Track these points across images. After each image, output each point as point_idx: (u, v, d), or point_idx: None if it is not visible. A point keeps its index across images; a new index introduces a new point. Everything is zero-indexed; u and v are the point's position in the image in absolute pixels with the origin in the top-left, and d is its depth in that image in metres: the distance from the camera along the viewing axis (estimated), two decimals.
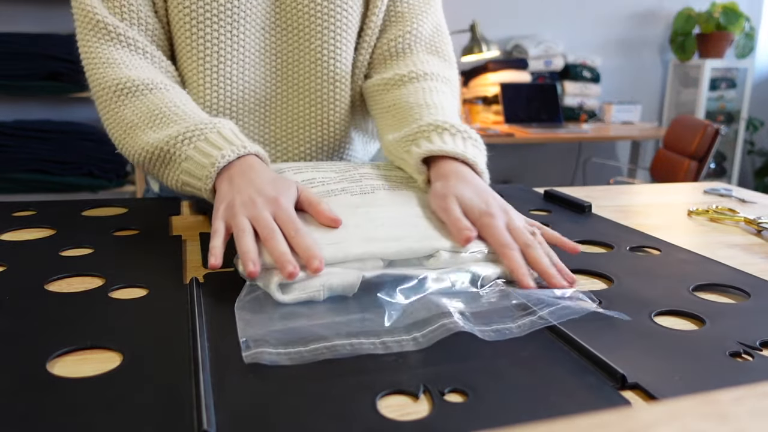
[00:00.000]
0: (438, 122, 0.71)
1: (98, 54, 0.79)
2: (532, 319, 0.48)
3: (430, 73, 0.86)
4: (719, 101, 3.68)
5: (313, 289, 0.51)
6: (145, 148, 0.71)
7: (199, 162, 0.66)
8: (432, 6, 0.92)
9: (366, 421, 0.35)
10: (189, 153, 0.67)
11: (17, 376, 0.39)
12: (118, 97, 0.76)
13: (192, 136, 0.68)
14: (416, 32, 0.89)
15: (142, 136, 0.72)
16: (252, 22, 0.82)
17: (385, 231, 0.58)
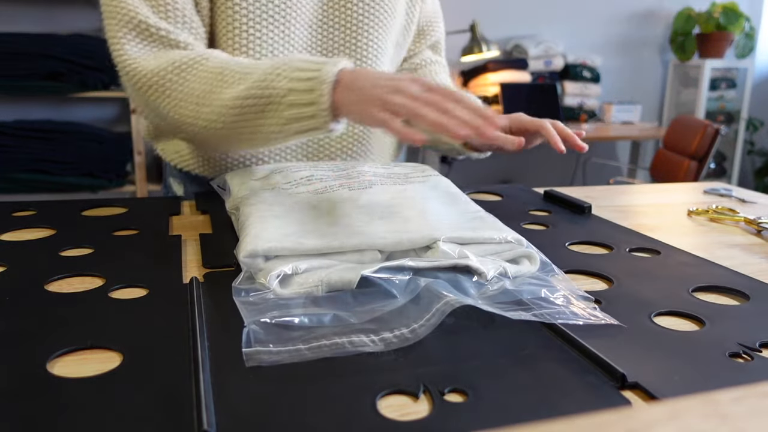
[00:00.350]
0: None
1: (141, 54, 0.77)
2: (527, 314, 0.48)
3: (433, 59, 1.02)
4: (719, 101, 3.68)
5: (312, 284, 0.51)
6: (230, 106, 0.69)
7: (304, 88, 0.64)
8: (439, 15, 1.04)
9: (366, 421, 0.35)
10: (287, 86, 0.65)
11: (17, 376, 0.39)
12: (177, 75, 0.74)
13: (279, 72, 0.66)
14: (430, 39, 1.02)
15: (221, 96, 0.70)
16: (302, 19, 0.84)
17: (384, 222, 0.58)
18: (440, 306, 0.46)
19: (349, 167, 0.76)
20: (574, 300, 0.51)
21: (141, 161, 2.45)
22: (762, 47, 3.84)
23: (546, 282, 0.55)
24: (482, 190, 0.96)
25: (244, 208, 0.63)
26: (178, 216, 0.78)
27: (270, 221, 0.58)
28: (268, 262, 0.53)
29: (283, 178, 0.71)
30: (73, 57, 2.25)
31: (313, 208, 0.62)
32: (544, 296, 0.52)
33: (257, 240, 0.54)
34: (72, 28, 2.45)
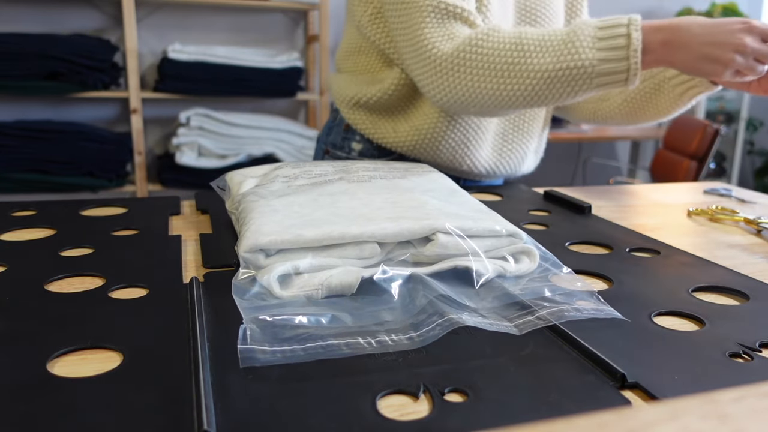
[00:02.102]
0: None
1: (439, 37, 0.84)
2: (530, 319, 0.48)
3: None
4: (719, 101, 3.68)
5: (312, 287, 0.51)
6: (539, 77, 0.78)
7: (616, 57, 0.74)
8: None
9: (366, 421, 0.35)
10: (597, 56, 0.75)
11: (17, 376, 0.39)
12: (475, 52, 0.81)
13: (581, 43, 0.75)
14: None
15: (527, 68, 0.78)
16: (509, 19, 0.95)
17: (383, 213, 0.58)
18: (442, 322, 0.46)
19: (349, 164, 0.76)
20: (576, 296, 0.51)
21: (141, 161, 2.45)
22: None
23: (547, 281, 0.55)
24: (482, 190, 0.96)
25: (243, 205, 0.63)
26: (178, 216, 0.78)
27: (270, 216, 0.58)
28: (268, 259, 0.53)
29: (282, 175, 0.71)
30: (73, 57, 2.25)
31: (312, 201, 0.62)
32: (546, 296, 0.52)
33: (257, 234, 0.54)
34: (72, 28, 2.45)
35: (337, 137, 1.04)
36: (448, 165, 0.98)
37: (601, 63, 0.74)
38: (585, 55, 0.74)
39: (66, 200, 0.81)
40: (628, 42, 0.73)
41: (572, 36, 0.76)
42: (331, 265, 0.53)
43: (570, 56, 0.75)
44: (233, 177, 0.75)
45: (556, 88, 0.78)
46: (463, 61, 0.81)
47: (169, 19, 2.57)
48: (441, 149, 0.96)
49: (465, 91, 0.82)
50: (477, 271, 0.54)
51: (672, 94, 0.95)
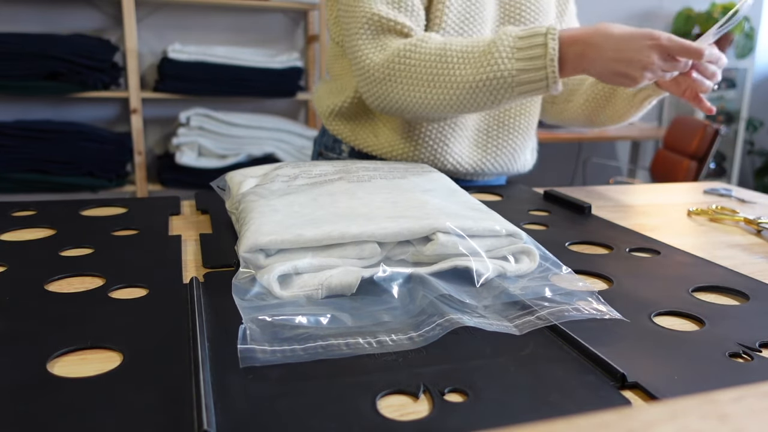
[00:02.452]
0: None
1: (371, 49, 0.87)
2: (530, 319, 0.48)
3: None
4: (719, 101, 3.68)
5: (312, 288, 0.51)
6: (462, 88, 0.80)
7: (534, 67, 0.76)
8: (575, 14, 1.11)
9: (366, 421, 0.35)
10: (516, 67, 0.77)
11: (17, 376, 0.39)
12: (403, 63, 0.83)
13: (503, 55, 0.77)
14: None
15: (450, 79, 0.81)
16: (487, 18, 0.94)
17: (383, 213, 0.58)
18: (442, 322, 0.46)
19: (348, 164, 0.77)
20: (577, 296, 0.51)
21: (141, 161, 2.45)
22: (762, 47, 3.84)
23: (547, 280, 0.55)
24: (482, 190, 0.96)
25: (243, 205, 0.63)
26: (178, 216, 0.78)
27: (269, 216, 0.58)
28: (268, 259, 0.53)
29: (282, 175, 0.71)
30: (73, 57, 2.25)
31: (312, 201, 0.62)
32: (547, 296, 0.52)
33: (257, 234, 0.54)
34: (72, 28, 2.45)
35: (329, 140, 1.06)
36: (432, 165, 0.98)
37: (520, 73, 0.76)
38: (504, 65, 0.77)
39: (66, 200, 0.81)
40: (545, 52, 0.75)
41: (492, 47, 0.78)
42: (331, 265, 0.53)
43: (490, 67, 0.77)
44: (233, 177, 0.75)
45: (479, 97, 0.80)
46: (392, 72, 0.84)
47: (169, 19, 2.56)
48: (420, 149, 0.97)
49: (396, 100, 0.85)
50: (477, 270, 0.54)
51: (625, 96, 0.97)
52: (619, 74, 0.75)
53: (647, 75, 0.75)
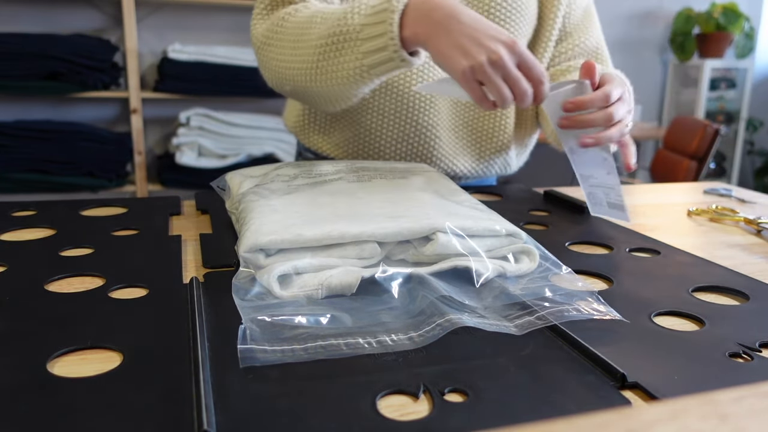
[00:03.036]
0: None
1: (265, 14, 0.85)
2: (530, 320, 0.48)
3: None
4: (719, 101, 3.68)
5: (312, 287, 0.51)
6: (315, 45, 0.74)
7: (375, 21, 0.69)
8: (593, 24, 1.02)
9: (366, 421, 0.35)
10: (361, 21, 0.70)
11: (17, 376, 0.39)
12: (279, 27, 0.80)
13: (355, 11, 0.71)
14: (582, 45, 0.99)
15: (307, 40, 0.76)
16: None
17: (383, 213, 0.58)
18: (442, 322, 0.46)
19: (348, 164, 0.77)
20: (577, 296, 0.51)
21: (141, 161, 2.45)
22: (762, 47, 3.84)
23: (547, 280, 0.55)
24: (482, 190, 0.96)
25: (243, 205, 0.64)
26: (178, 216, 0.78)
27: (269, 215, 0.58)
28: (268, 259, 0.53)
29: (282, 175, 0.71)
30: (73, 57, 2.25)
31: (312, 200, 0.62)
32: (547, 296, 0.52)
33: (257, 234, 0.54)
34: (72, 28, 2.45)
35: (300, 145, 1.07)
36: None
37: (364, 28, 0.70)
38: (351, 20, 0.71)
39: (66, 200, 0.81)
40: (388, 6, 0.68)
41: (351, 7, 0.72)
42: (331, 265, 0.53)
43: (341, 24, 0.72)
44: (233, 177, 0.75)
45: (331, 54, 0.74)
46: (269, 40, 0.82)
47: (169, 19, 2.56)
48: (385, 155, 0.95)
49: (272, 68, 0.83)
50: (477, 270, 0.54)
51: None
52: (461, 49, 0.65)
53: (486, 67, 0.63)
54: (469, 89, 0.66)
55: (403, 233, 0.56)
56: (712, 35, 3.43)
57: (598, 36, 1.02)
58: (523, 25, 0.93)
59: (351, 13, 0.72)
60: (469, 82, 0.65)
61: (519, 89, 0.64)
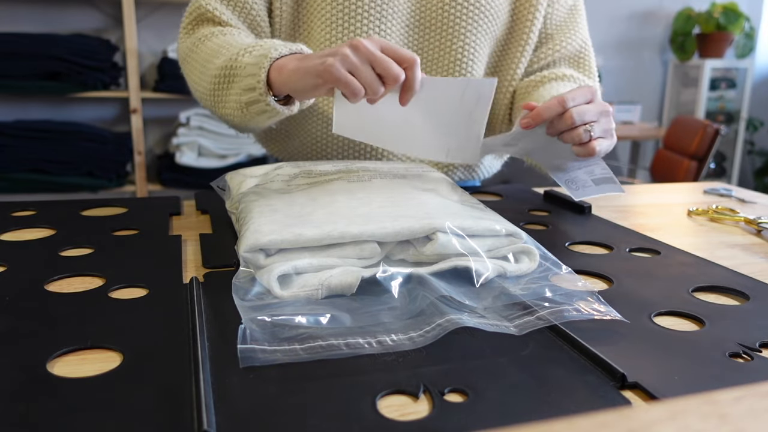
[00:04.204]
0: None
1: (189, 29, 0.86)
2: (530, 320, 0.48)
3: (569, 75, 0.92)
4: (719, 101, 3.68)
5: (312, 287, 0.51)
6: (213, 75, 0.76)
7: (254, 62, 0.71)
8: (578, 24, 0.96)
9: (366, 421, 0.35)
10: (247, 60, 0.72)
11: (17, 376, 0.39)
12: (196, 47, 0.82)
13: (252, 50, 0.73)
14: (563, 50, 0.95)
15: (211, 67, 0.78)
16: (398, 18, 0.85)
17: (383, 212, 0.58)
18: (442, 322, 0.46)
19: (348, 164, 0.77)
20: (577, 296, 0.51)
21: (141, 161, 2.45)
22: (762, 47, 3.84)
23: (547, 280, 0.55)
24: (482, 190, 0.96)
25: (243, 205, 0.64)
26: (178, 216, 0.78)
27: (269, 215, 0.58)
28: (268, 259, 0.53)
29: (282, 174, 0.71)
30: (73, 57, 2.25)
31: (312, 201, 0.62)
32: (547, 296, 0.52)
33: (257, 234, 0.54)
34: (72, 28, 2.45)
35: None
36: None
37: (247, 67, 0.72)
38: (242, 58, 0.73)
39: (66, 200, 0.81)
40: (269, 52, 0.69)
41: (257, 43, 0.74)
42: (331, 265, 0.53)
43: (234, 59, 0.74)
44: (233, 177, 0.75)
45: (223, 86, 0.76)
46: (187, 58, 0.84)
47: (169, 19, 2.56)
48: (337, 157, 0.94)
49: (190, 85, 0.85)
50: (477, 270, 0.54)
51: None
52: (318, 58, 0.64)
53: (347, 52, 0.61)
54: (335, 81, 0.62)
55: (403, 233, 0.56)
56: (712, 35, 3.43)
57: (582, 38, 0.97)
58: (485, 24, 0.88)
59: (245, 51, 0.74)
60: (332, 75, 0.62)
61: (387, 70, 0.61)
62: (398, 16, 0.85)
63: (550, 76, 0.92)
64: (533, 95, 0.89)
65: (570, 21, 0.96)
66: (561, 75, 0.92)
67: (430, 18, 0.87)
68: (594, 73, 0.97)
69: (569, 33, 0.95)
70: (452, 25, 0.86)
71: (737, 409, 0.27)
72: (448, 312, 0.47)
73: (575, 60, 0.96)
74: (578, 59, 0.97)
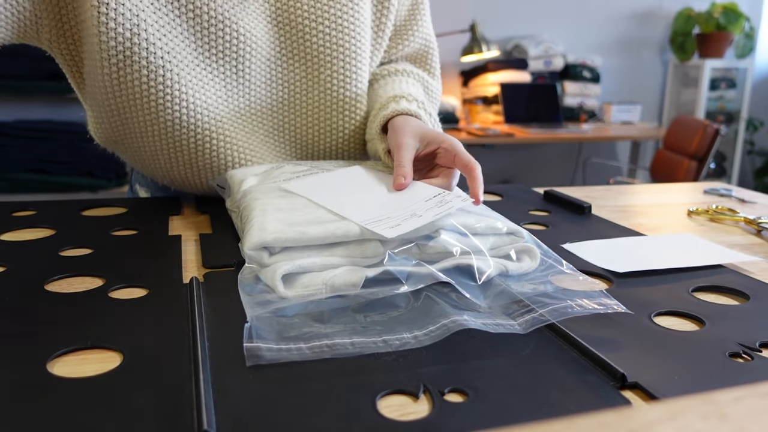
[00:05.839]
0: (395, 94, 0.77)
1: None
2: (533, 317, 0.48)
3: (403, 70, 0.89)
4: (719, 101, 3.68)
5: (316, 287, 0.51)
6: None
7: None
8: (421, 19, 0.91)
9: (366, 421, 0.35)
10: None
11: (17, 376, 0.39)
12: None
13: None
14: (404, 49, 0.92)
15: None
16: (258, 54, 0.79)
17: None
18: (447, 322, 0.46)
19: (350, 162, 0.77)
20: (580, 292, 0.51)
21: None
22: (762, 47, 3.84)
23: (549, 278, 0.55)
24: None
25: (245, 203, 0.64)
26: (178, 216, 0.78)
27: (273, 213, 0.58)
28: (272, 258, 0.53)
29: (283, 173, 0.71)
30: None
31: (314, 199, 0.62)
32: (550, 293, 0.51)
33: (262, 232, 0.54)
34: None
35: None
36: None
37: None
38: None
39: (66, 200, 0.81)
40: None
41: None
42: (335, 264, 0.53)
43: None
44: (234, 175, 0.75)
45: None
46: None
47: None
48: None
49: None
50: (479, 268, 0.54)
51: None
52: None
53: None
54: None
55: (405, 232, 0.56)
56: (712, 35, 3.44)
57: (424, 35, 0.93)
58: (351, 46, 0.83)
59: None
60: None
61: None
62: (258, 51, 0.79)
63: (383, 72, 0.89)
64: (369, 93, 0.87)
65: (410, 18, 0.92)
66: (398, 70, 0.89)
67: (292, 49, 0.81)
68: (436, 70, 0.95)
69: (410, 31, 0.92)
70: (317, 53, 0.81)
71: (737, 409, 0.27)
72: (452, 313, 0.47)
73: (416, 58, 0.94)
74: (420, 57, 0.94)
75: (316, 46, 0.81)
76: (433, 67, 0.95)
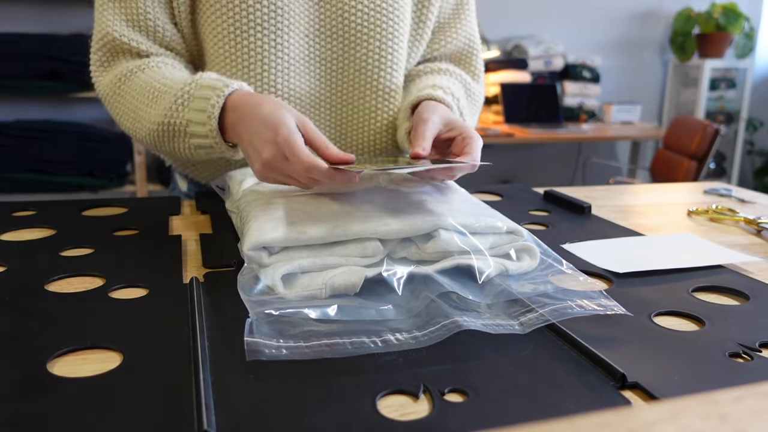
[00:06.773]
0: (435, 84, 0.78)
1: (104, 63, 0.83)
2: (534, 317, 0.48)
3: (445, 69, 0.89)
4: (719, 101, 3.68)
5: (316, 287, 0.51)
6: (151, 129, 0.74)
7: (199, 120, 0.69)
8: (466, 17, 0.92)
9: (366, 421, 0.35)
10: (187, 117, 0.70)
11: (17, 376, 0.39)
12: (119, 88, 0.78)
13: (183, 100, 0.70)
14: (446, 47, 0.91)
15: (145, 117, 0.74)
16: (296, 29, 0.80)
17: (386, 210, 0.58)
18: (447, 323, 0.46)
19: None
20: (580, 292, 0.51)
21: (141, 161, 2.45)
22: (762, 47, 3.84)
23: (549, 277, 0.55)
24: (482, 190, 0.96)
25: (245, 204, 0.64)
26: (178, 216, 0.78)
27: (272, 213, 0.58)
28: (271, 258, 0.53)
29: None
30: (73, 57, 2.25)
31: (314, 199, 0.62)
32: (550, 293, 0.52)
33: (261, 232, 0.54)
34: (72, 28, 2.45)
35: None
36: None
37: (190, 124, 0.70)
38: (180, 114, 0.70)
39: (66, 200, 0.81)
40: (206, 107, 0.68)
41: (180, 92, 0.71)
42: (334, 264, 0.53)
43: (171, 114, 0.71)
44: (233, 176, 0.75)
45: (164, 140, 0.74)
46: (111, 95, 0.80)
47: None
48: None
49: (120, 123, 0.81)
50: (479, 268, 0.54)
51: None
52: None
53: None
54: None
55: (405, 230, 0.56)
56: (712, 35, 3.43)
57: (467, 35, 0.93)
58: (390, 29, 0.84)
59: (178, 104, 0.70)
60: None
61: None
62: (296, 26, 0.80)
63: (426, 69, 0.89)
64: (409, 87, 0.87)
65: (455, 15, 0.92)
66: (440, 69, 0.89)
67: (331, 26, 0.82)
68: (480, 73, 0.94)
69: (456, 27, 0.92)
70: (354, 32, 0.82)
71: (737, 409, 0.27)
72: (453, 313, 0.47)
73: (459, 58, 0.94)
74: (463, 57, 0.94)
75: (354, 24, 0.82)
76: (477, 69, 0.94)
